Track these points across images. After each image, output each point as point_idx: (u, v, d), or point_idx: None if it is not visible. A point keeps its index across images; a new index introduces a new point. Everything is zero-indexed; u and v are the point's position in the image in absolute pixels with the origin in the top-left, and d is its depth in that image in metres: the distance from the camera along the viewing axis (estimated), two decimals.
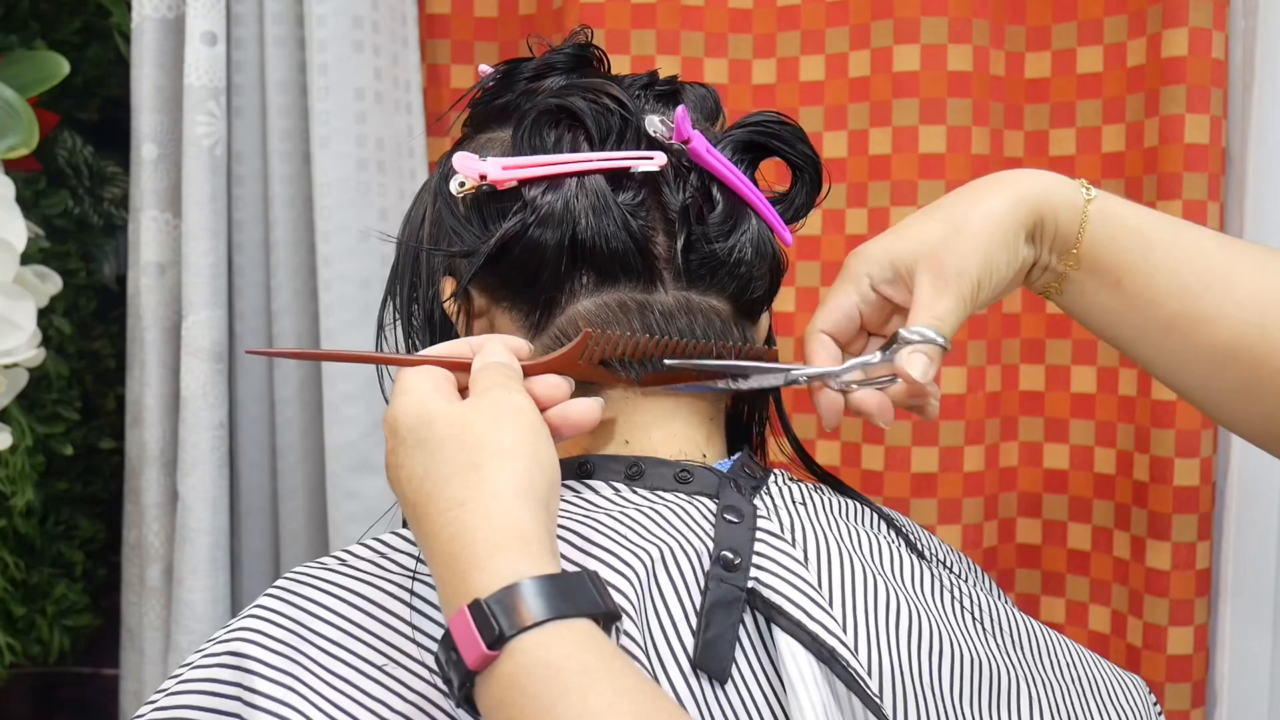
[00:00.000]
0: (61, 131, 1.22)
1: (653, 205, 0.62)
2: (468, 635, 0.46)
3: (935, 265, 0.62)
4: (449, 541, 0.49)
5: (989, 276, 0.63)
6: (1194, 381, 0.65)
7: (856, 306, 0.65)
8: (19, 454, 1.08)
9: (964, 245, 0.62)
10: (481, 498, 0.50)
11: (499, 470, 0.51)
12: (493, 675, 0.46)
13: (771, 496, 0.62)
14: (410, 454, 0.52)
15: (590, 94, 0.63)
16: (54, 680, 1.34)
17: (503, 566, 0.47)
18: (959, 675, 0.58)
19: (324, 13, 1.02)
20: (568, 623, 0.46)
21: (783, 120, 0.66)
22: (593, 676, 0.45)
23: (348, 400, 1.03)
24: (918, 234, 0.64)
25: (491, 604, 0.46)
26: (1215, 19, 0.96)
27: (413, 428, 0.53)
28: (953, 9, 1.00)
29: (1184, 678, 0.99)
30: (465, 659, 0.46)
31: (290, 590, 0.56)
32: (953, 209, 0.64)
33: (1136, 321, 0.64)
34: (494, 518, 0.49)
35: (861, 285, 0.65)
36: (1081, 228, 0.64)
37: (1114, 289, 0.64)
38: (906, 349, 0.61)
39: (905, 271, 0.63)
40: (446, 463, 0.51)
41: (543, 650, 0.45)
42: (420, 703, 0.52)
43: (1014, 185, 0.64)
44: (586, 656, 0.46)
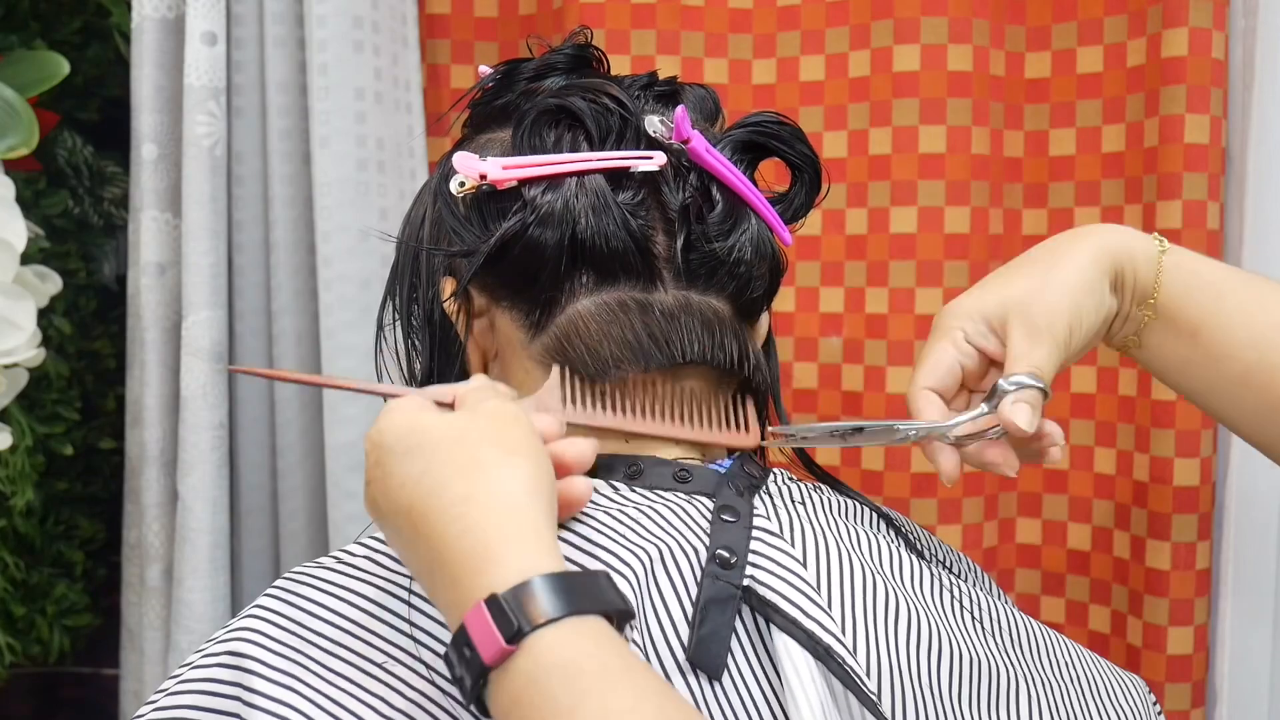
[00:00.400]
0: (61, 131, 1.22)
1: (652, 205, 0.63)
2: (485, 631, 0.45)
3: (1026, 316, 0.64)
4: (457, 538, 0.48)
5: (1079, 323, 0.64)
6: (1271, 434, 0.66)
7: (957, 361, 0.66)
8: (19, 454, 1.08)
9: (1052, 295, 0.64)
10: (490, 493, 0.49)
11: (505, 468, 0.50)
12: (509, 672, 0.45)
13: (771, 496, 0.63)
14: (400, 461, 0.51)
15: (590, 94, 0.63)
16: (54, 680, 1.34)
17: (518, 561, 0.47)
18: (958, 675, 0.58)
19: (324, 13, 1.02)
20: (585, 619, 0.46)
21: (782, 120, 0.67)
22: (613, 678, 0.44)
23: (348, 400, 1.03)
24: (1006, 288, 0.66)
25: (509, 599, 0.45)
26: (1215, 19, 0.96)
27: (401, 436, 0.51)
28: (953, 9, 1.00)
29: (1184, 678, 0.99)
30: (482, 655, 0.45)
31: (289, 590, 0.56)
32: (1038, 262, 0.66)
33: (1213, 374, 0.66)
34: (505, 512, 0.48)
35: (957, 339, 0.66)
36: (1158, 278, 0.66)
37: (1190, 341, 0.66)
38: (1009, 398, 0.62)
39: (998, 324, 0.65)
40: (446, 462, 0.50)
41: (562, 648, 0.45)
42: (420, 700, 0.52)
43: (1094, 237, 0.66)
44: (606, 656, 0.45)
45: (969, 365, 0.66)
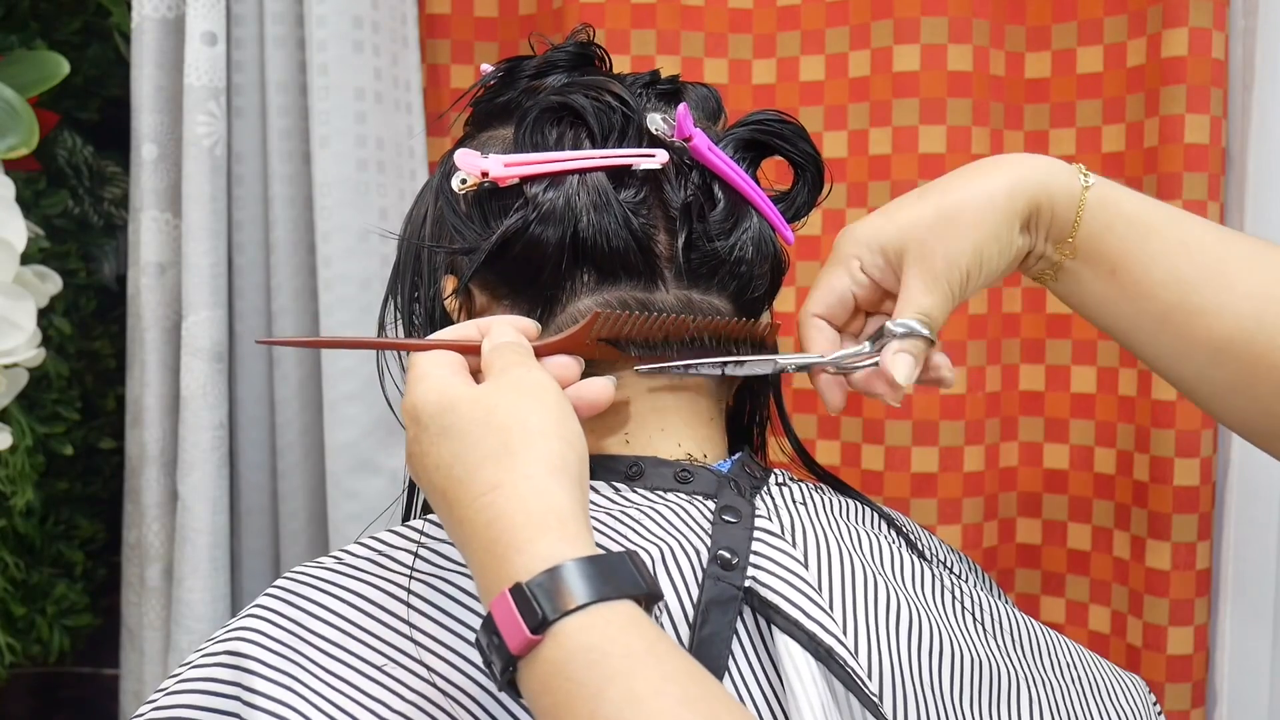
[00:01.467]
0: (61, 131, 1.22)
1: (654, 203, 0.62)
2: (510, 619, 0.45)
3: (924, 255, 0.61)
4: (486, 527, 0.48)
5: (979, 268, 0.62)
6: (1189, 374, 0.64)
7: (849, 289, 0.64)
8: (19, 454, 1.08)
9: (954, 235, 0.61)
10: (515, 480, 0.49)
11: (530, 451, 0.50)
12: (536, 660, 0.45)
13: (772, 496, 0.63)
14: (435, 442, 0.51)
15: (592, 92, 0.63)
16: (54, 680, 1.34)
17: (543, 548, 0.47)
18: (959, 675, 0.58)
19: (324, 13, 1.02)
20: (610, 605, 0.46)
21: (784, 119, 0.67)
22: (638, 660, 0.44)
23: (348, 400, 1.03)
24: (908, 217, 0.62)
25: (533, 587, 0.45)
26: (1215, 19, 0.96)
27: (435, 414, 0.52)
28: (953, 9, 1.00)
29: (1184, 678, 0.99)
30: (508, 643, 0.46)
31: (289, 590, 0.56)
32: (945, 193, 0.62)
33: (1131, 312, 0.64)
34: (530, 499, 0.48)
35: (852, 268, 0.64)
36: (1078, 216, 0.63)
37: (1109, 278, 0.63)
38: (893, 345, 0.61)
39: (894, 257, 0.62)
40: (475, 447, 0.50)
41: (586, 634, 0.45)
42: (420, 701, 0.52)
43: (1011, 171, 0.62)
44: (631, 640, 0.45)
45: (861, 295, 0.64)
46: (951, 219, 0.61)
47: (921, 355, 0.62)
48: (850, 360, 0.63)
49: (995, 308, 1.05)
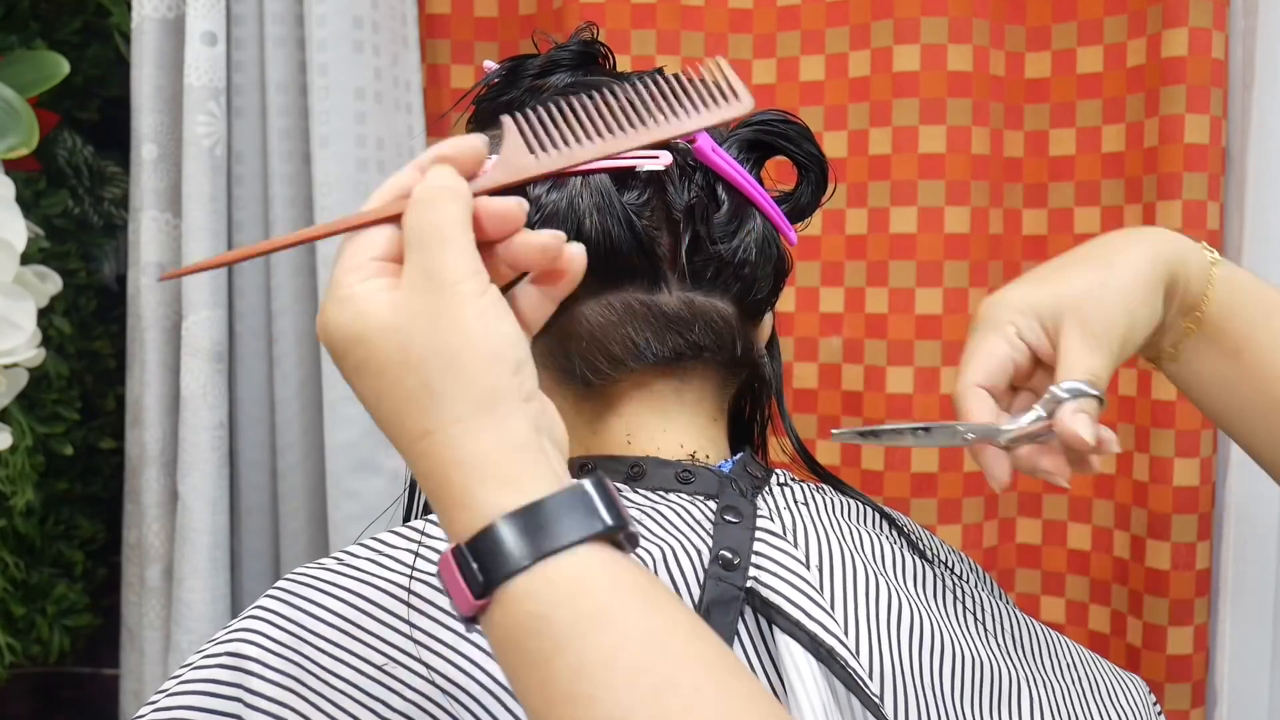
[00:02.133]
0: (61, 131, 1.21)
1: (658, 205, 0.62)
2: (455, 584, 0.43)
3: (1083, 320, 0.60)
4: (426, 478, 0.45)
5: (1133, 333, 0.61)
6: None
7: (1009, 358, 0.61)
8: (19, 454, 1.08)
9: (1109, 300, 0.61)
10: (443, 424, 0.44)
11: (454, 387, 0.44)
12: (489, 624, 0.43)
13: (773, 497, 0.63)
14: (355, 375, 0.46)
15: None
16: (54, 680, 1.34)
17: (480, 502, 0.43)
18: (959, 675, 0.58)
19: (324, 13, 1.02)
20: (555, 561, 0.42)
21: (788, 119, 0.66)
22: (585, 627, 0.41)
23: (348, 400, 1.03)
24: (1061, 285, 0.62)
25: (470, 551, 0.42)
26: (1215, 19, 0.96)
27: (346, 348, 0.46)
28: (953, 9, 1.00)
29: (1184, 678, 0.99)
30: (459, 607, 0.43)
31: (289, 591, 0.56)
32: (1094, 261, 0.63)
33: (1250, 394, 0.64)
34: (462, 446, 0.43)
35: (1009, 334, 0.62)
36: (1208, 290, 0.63)
37: (1233, 358, 0.64)
38: (1069, 406, 0.58)
39: (1050, 324, 0.61)
40: (396, 387, 0.44)
41: (530, 600, 0.42)
42: (420, 701, 0.52)
43: (1150, 241, 0.63)
44: (580, 603, 0.42)
45: (1020, 361, 0.62)
46: (1106, 284, 0.61)
47: (1096, 415, 0.59)
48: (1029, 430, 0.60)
49: None
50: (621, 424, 0.63)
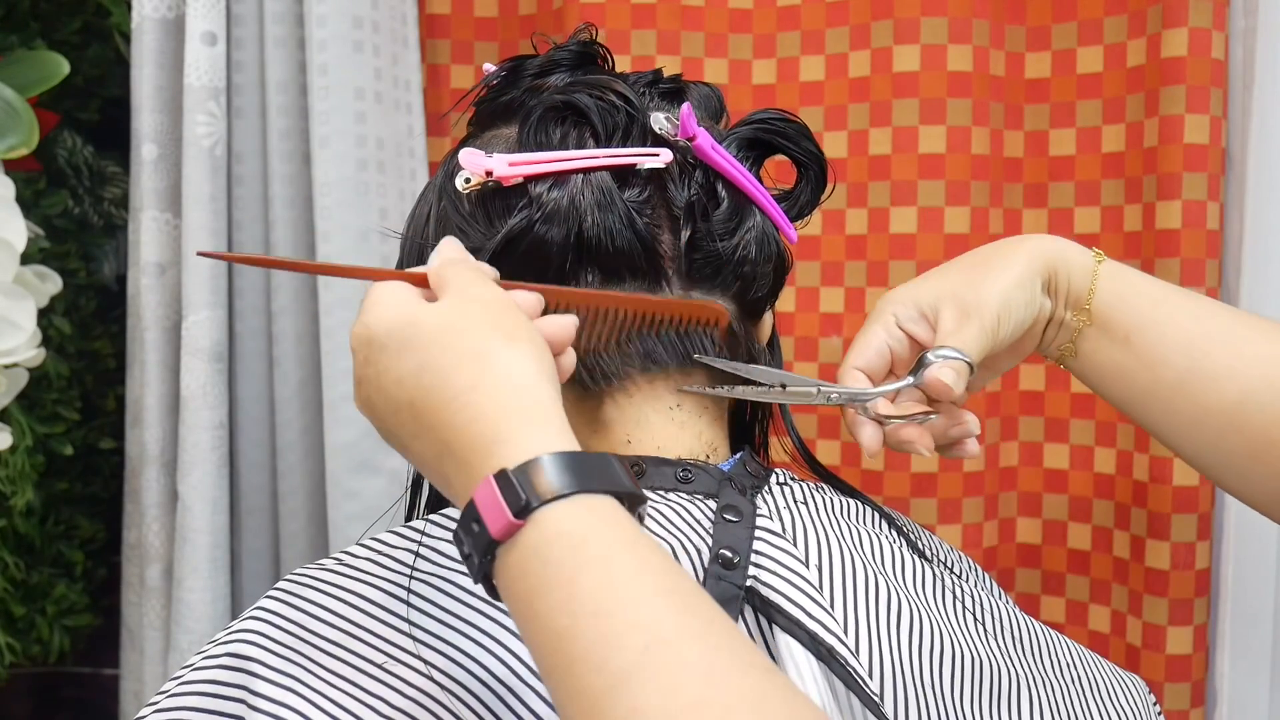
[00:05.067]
0: (61, 131, 1.22)
1: (658, 202, 0.62)
2: (493, 505, 0.45)
3: (957, 301, 0.66)
4: (466, 425, 0.48)
5: (1008, 314, 0.66)
6: (1203, 444, 0.66)
7: (886, 344, 0.67)
8: (19, 454, 1.08)
9: (983, 283, 0.66)
10: (496, 380, 0.48)
11: (507, 351, 0.49)
12: (516, 545, 0.45)
13: (773, 496, 0.63)
14: (397, 356, 0.50)
15: (596, 91, 0.63)
16: (54, 680, 1.34)
17: (527, 439, 0.46)
18: (959, 675, 0.58)
19: (324, 13, 1.02)
20: (594, 498, 0.45)
21: (787, 117, 0.67)
22: (616, 550, 0.44)
23: (348, 400, 1.03)
24: (940, 280, 0.68)
25: (518, 474, 0.45)
26: (1215, 19, 0.96)
27: (393, 330, 0.51)
28: (953, 9, 1.00)
29: (1183, 677, 0.99)
30: (490, 528, 0.45)
31: (290, 592, 0.56)
32: (975, 263, 0.68)
33: (1147, 381, 0.67)
34: (512, 396, 0.48)
35: (888, 323, 0.68)
36: (1093, 284, 0.67)
37: (1124, 345, 0.67)
38: (937, 362, 0.64)
39: (930, 311, 0.67)
40: (446, 352, 0.49)
41: (568, 521, 0.45)
42: (420, 698, 0.52)
43: (1030, 242, 0.68)
44: (611, 531, 0.45)
45: (898, 349, 0.68)
46: (980, 273, 0.67)
47: (964, 375, 0.65)
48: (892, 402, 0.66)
49: None
50: (622, 423, 0.63)
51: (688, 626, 0.42)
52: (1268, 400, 0.63)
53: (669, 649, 0.42)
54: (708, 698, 0.40)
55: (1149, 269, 0.99)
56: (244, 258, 0.55)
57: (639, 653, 0.41)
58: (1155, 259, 0.98)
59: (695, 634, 0.42)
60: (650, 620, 0.42)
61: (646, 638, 0.42)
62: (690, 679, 0.41)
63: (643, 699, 0.40)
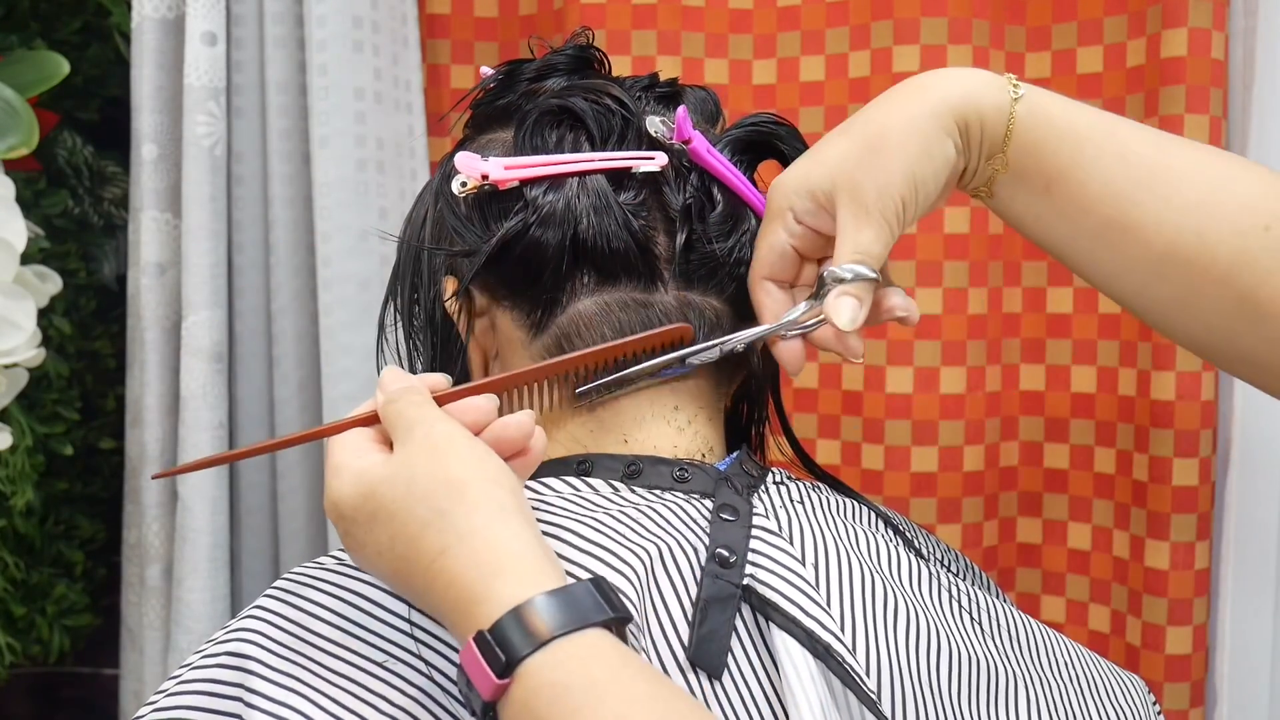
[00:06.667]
0: (61, 131, 1.22)
1: (654, 205, 0.63)
2: (478, 669, 0.46)
3: (855, 191, 0.58)
4: (444, 591, 0.49)
5: (914, 194, 0.59)
6: (1130, 291, 0.61)
7: (787, 243, 0.62)
8: (19, 454, 1.08)
9: (883, 164, 0.58)
10: (460, 537, 0.49)
11: (462, 505, 0.50)
12: (508, 703, 0.46)
13: (770, 495, 0.63)
14: (368, 530, 0.51)
15: (592, 95, 0.63)
16: (54, 680, 1.34)
17: (499, 593, 0.47)
18: (957, 674, 0.58)
19: (324, 13, 1.02)
20: (571, 639, 0.46)
21: (778, 120, 0.67)
22: (600, 690, 0.45)
23: (348, 400, 1.03)
24: (833, 155, 0.60)
25: (493, 634, 0.46)
26: (1215, 19, 0.96)
27: (357, 506, 0.51)
28: (953, 9, 1.00)
29: (1183, 677, 0.99)
30: (481, 692, 0.46)
31: (289, 591, 0.56)
32: (869, 123, 0.60)
33: (1068, 229, 0.61)
34: (479, 553, 0.49)
35: (787, 220, 0.61)
36: (1009, 129, 0.60)
37: (1044, 194, 0.61)
38: (833, 292, 0.58)
39: (825, 199, 0.60)
40: (408, 522, 0.50)
41: (549, 670, 0.45)
42: (420, 697, 0.52)
43: (934, 89, 0.60)
44: (594, 670, 0.46)
45: (801, 245, 0.62)
46: (877, 149, 0.58)
47: (867, 296, 0.59)
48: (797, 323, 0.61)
49: (995, 308, 1.05)
50: (618, 423, 0.63)
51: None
52: (1195, 250, 0.58)
53: None
54: None
55: None
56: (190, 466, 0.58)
57: None
58: None
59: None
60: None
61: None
62: None
63: None
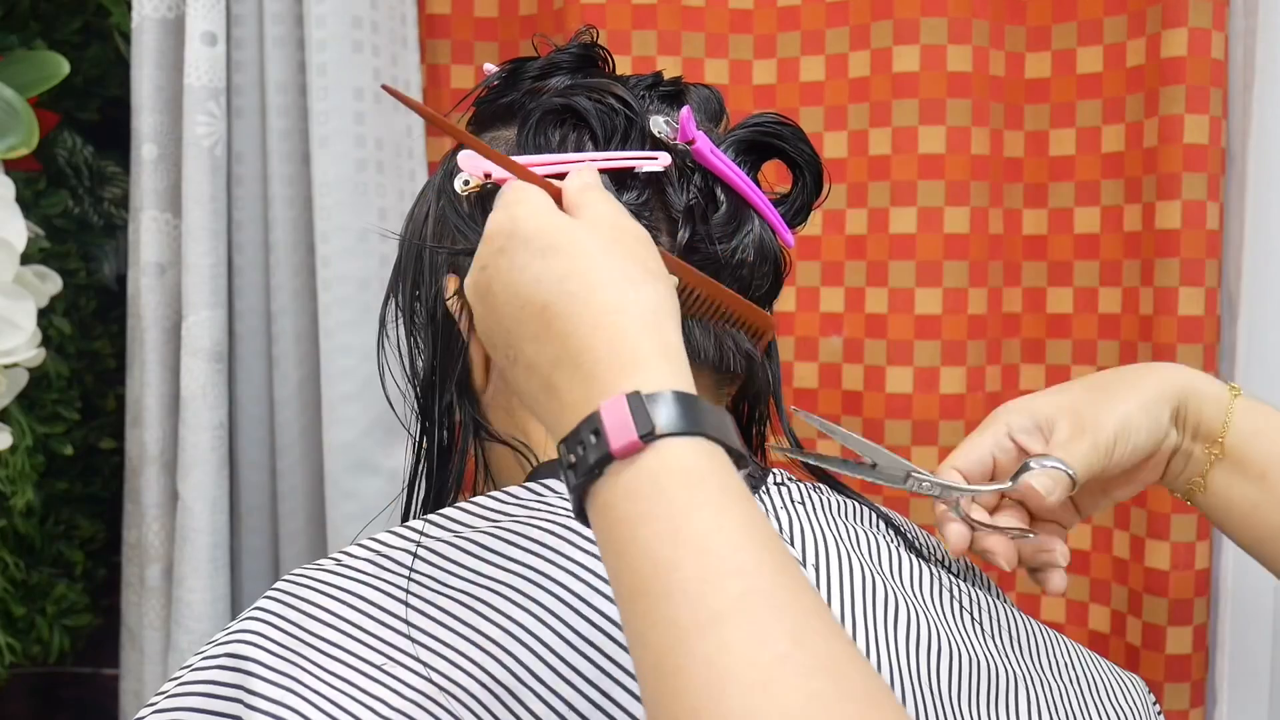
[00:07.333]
0: (61, 131, 1.22)
1: (656, 206, 0.63)
2: (621, 421, 0.45)
3: (1075, 415, 0.64)
4: (607, 341, 0.48)
5: (1125, 435, 0.64)
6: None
7: (991, 452, 0.66)
8: (19, 454, 1.08)
9: (1104, 401, 0.65)
10: (641, 309, 0.48)
11: (650, 286, 0.50)
12: (632, 466, 0.45)
13: (771, 496, 0.63)
14: (535, 257, 0.50)
15: (595, 94, 0.63)
16: (54, 680, 1.34)
17: (661, 374, 0.46)
18: (958, 675, 0.58)
19: (323, 13, 1.02)
20: (715, 445, 0.45)
21: (783, 120, 0.67)
22: (731, 496, 0.44)
23: (347, 400, 1.03)
24: (1061, 395, 0.67)
25: (653, 400, 0.45)
26: (1215, 19, 0.96)
27: (543, 230, 0.51)
28: (953, 9, 1.00)
29: (1183, 677, 0.99)
30: (611, 443, 0.45)
31: (288, 592, 0.56)
32: (1098, 380, 0.67)
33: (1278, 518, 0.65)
34: (654, 328, 0.48)
35: (999, 432, 0.66)
36: (1228, 417, 0.66)
37: (1259, 482, 0.66)
38: (1036, 470, 0.62)
39: (1045, 423, 0.65)
40: (596, 268, 0.49)
41: (690, 458, 0.45)
42: (419, 699, 0.52)
43: (1160, 370, 0.67)
44: (728, 479, 0.45)
45: (1002, 459, 0.66)
46: (1104, 391, 0.66)
47: (1063, 486, 0.63)
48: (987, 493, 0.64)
49: (995, 308, 1.05)
50: None
51: (784, 585, 0.42)
52: None
53: (765, 600, 0.42)
54: (793, 655, 0.40)
55: (1149, 269, 0.99)
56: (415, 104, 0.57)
57: (736, 597, 0.41)
58: (1155, 259, 0.98)
59: (791, 593, 0.42)
60: (753, 568, 0.42)
61: (746, 584, 0.42)
62: (780, 633, 0.41)
63: (731, 642, 0.40)
